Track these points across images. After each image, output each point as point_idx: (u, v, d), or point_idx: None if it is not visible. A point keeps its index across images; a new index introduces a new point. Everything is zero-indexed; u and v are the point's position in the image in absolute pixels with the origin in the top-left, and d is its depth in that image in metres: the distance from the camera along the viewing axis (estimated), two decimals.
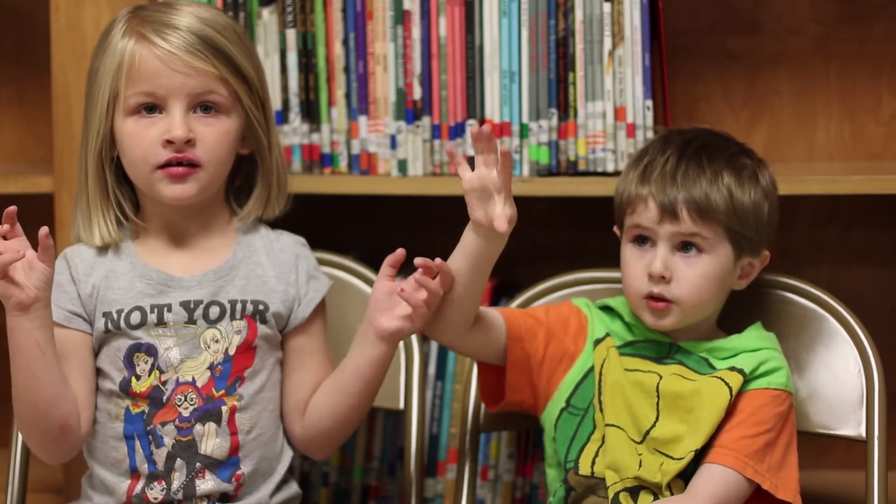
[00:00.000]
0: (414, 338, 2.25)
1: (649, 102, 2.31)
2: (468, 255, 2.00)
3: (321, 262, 2.27)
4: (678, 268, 2.03)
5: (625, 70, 2.31)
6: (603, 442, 2.04)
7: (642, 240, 2.06)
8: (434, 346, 2.42)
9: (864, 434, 2.12)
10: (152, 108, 2.03)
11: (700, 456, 2.01)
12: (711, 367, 2.06)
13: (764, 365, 2.04)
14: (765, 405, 2.02)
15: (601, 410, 2.06)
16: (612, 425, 2.04)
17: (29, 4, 2.66)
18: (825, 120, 2.55)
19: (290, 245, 2.15)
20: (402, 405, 2.26)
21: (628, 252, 2.08)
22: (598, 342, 2.11)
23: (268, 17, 2.38)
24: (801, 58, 2.54)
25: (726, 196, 2.03)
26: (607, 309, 2.16)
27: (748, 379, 2.03)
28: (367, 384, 2.08)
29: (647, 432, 2.03)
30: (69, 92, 2.37)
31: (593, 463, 2.04)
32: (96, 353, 2.07)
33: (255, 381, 2.07)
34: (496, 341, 2.10)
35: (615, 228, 2.13)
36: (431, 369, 2.42)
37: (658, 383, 2.04)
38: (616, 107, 2.32)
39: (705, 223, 2.02)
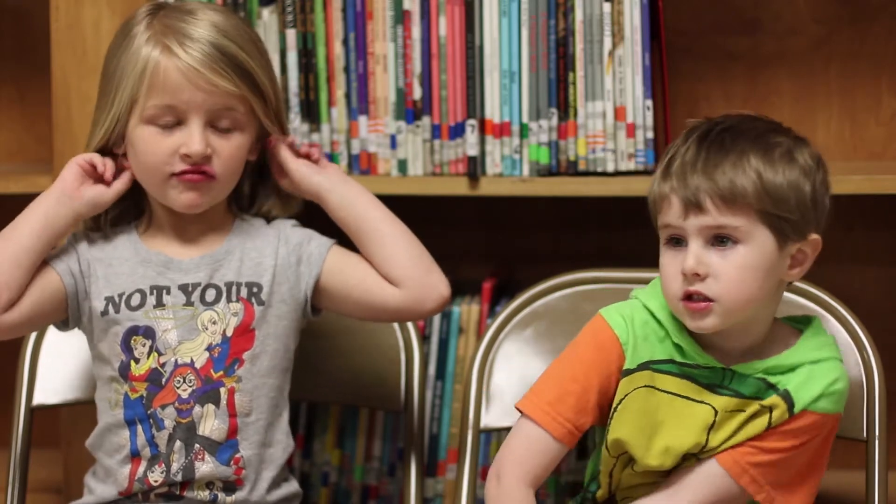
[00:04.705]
0: (414, 338, 2.25)
1: (649, 102, 2.31)
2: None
3: None
4: (713, 263, 1.85)
5: (625, 70, 2.31)
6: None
7: (677, 241, 1.89)
8: (434, 346, 2.42)
9: (864, 434, 2.12)
10: (170, 119, 2.03)
11: None
12: (772, 386, 1.90)
13: (819, 386, 1.90)
14: (806, 427, 1.91)
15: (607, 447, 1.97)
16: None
17: (29, 4, 2.66)
18: (825, 120, 2.55)
19: (279, 223, 2.14)
20: (402, 405, 2.25)
21: (664, 255, 1.90)
22: (627, 372, 1.95)
23: (268, 17, 2.38)
24: (801, 58, 2.54)
25: (755, 179, 1.84)
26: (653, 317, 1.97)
27: (796, 402, 1.90)
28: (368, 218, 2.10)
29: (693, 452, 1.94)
30: (69, 92, 2.37)
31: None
32: (93, 340, 2.09)
33: (255, 364, 2.07)
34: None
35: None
36: (431, 369, 2.42)
37: (711, 425, 1.91)
38: (616, 107, 2.32)
39: (734, 211, 1.84)
